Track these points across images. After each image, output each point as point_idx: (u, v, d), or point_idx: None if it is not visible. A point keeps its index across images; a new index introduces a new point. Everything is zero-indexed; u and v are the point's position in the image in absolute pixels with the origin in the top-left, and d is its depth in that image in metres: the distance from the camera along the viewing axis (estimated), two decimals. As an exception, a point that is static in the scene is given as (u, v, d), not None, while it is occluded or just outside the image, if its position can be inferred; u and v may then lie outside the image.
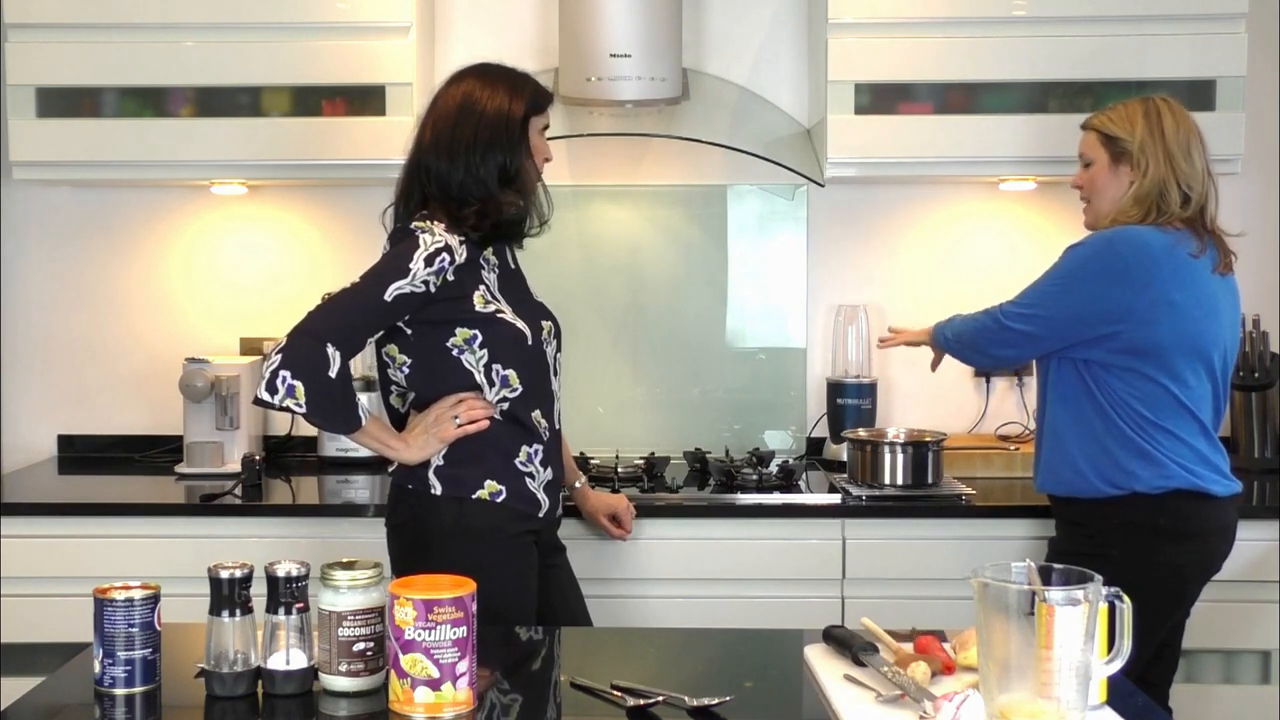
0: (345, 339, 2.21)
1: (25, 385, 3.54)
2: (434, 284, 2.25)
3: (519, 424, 2.35)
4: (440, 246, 2.25)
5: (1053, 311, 2.52)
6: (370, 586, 1.71)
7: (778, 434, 3.51)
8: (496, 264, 2.39)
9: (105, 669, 1.70)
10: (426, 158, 2.35)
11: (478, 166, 2.31)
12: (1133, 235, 2.47)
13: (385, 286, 2.22)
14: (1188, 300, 2.45)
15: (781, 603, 2.87)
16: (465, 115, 2.34)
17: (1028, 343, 2.58)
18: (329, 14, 3.11)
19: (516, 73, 2.42)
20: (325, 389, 2.18)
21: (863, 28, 3.10)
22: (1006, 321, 2.58)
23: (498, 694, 1.76)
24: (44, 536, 2.90)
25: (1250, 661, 2.96)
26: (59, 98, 3.15)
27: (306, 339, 2.19)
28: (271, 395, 2.16)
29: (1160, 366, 2.45)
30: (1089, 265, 2.49)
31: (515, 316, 2.33)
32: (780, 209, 3.51)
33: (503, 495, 2.32)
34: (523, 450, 2.35)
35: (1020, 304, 2.58)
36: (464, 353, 2.30)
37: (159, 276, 3.54)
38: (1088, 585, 1.49)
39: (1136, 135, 2.53)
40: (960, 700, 1.49)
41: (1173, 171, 2.50)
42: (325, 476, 3.29)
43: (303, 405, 2.17)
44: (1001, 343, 2.61)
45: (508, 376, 2.31)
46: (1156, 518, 2.45)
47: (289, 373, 2.16)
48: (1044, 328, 2.53)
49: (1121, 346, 2.46)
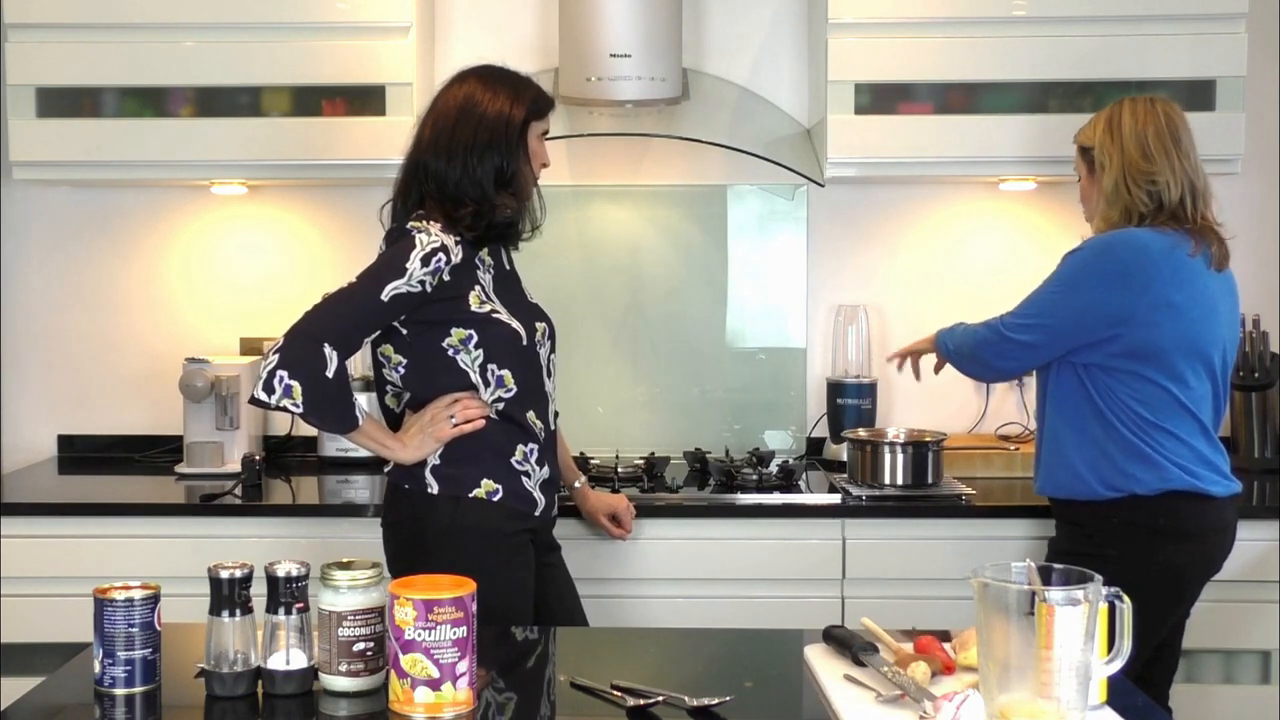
0: (342, 339, 2.22)
1: (25, 385, 3.54)
2: (430, 284, 2.26)
3: (514, 423, 2.35)
4: (436, 246, 2.26)
5: (1054, 320, 2.51)
6: (370, 586, 1.71)
7: (778, 434, 3.51)
8: (492, 265, 2.40)
9: (105, 669, 1.70)
10: (425, 156, 2.36)
11: (475, 167, 2.32)
12: (1130, 238, 2.47)
13: (382, 286, 2.23)
14: (1187, 301, 2.45)
15: (781, 603, 2.87)
16: (465, 116, 2.35)
17: (1029, 353, 2.57)
18: (329, 14, 3.11)
19: (519, 77, 2.43)
20: (322, 389, 2.19)
21: (863, 28, 3.10)
22: (1007, 333, 2.57)
23: (497, 694, 1.76)
24: (44, 536, 2.90)
25: (1250, 661, 2.96)
26: (59, 98, 3.15)
27: (304, 339, 2.20)
28: (269, 395, 2.18)
29: (1160, 368, 2.45)
30: (1088, 270, 2.49)
31: (510, 317, 2.34)
32: (780, 209, 3.51)
33: (499, 494, 2.33)
34: (519, 449, 2.36)
35: (1021, 314, 2.57)
36: (459, 353, 2.31)
37: (159, 276, 3.54)
38: (1088, 585, 1.49)
39: (1096, 139, 2.56)
40: (960, 700, 1.49)
41: (1127, 168, 2.50)
42: (325, 476, 3.29)
43: (300, 405, 2.18)
44: (1002, 355, 2.60)
45: (503, 376, 2.32)
46: (1156, 518, 2.45)
47: (286, 373, 2.17)
48: (1046, 336, 2.52)
49: (1121, 349, 2.45)
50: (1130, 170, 2.50)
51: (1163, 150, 2.50)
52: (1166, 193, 2.49)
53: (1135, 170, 2.50)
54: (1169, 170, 2.49)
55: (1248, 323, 3.28)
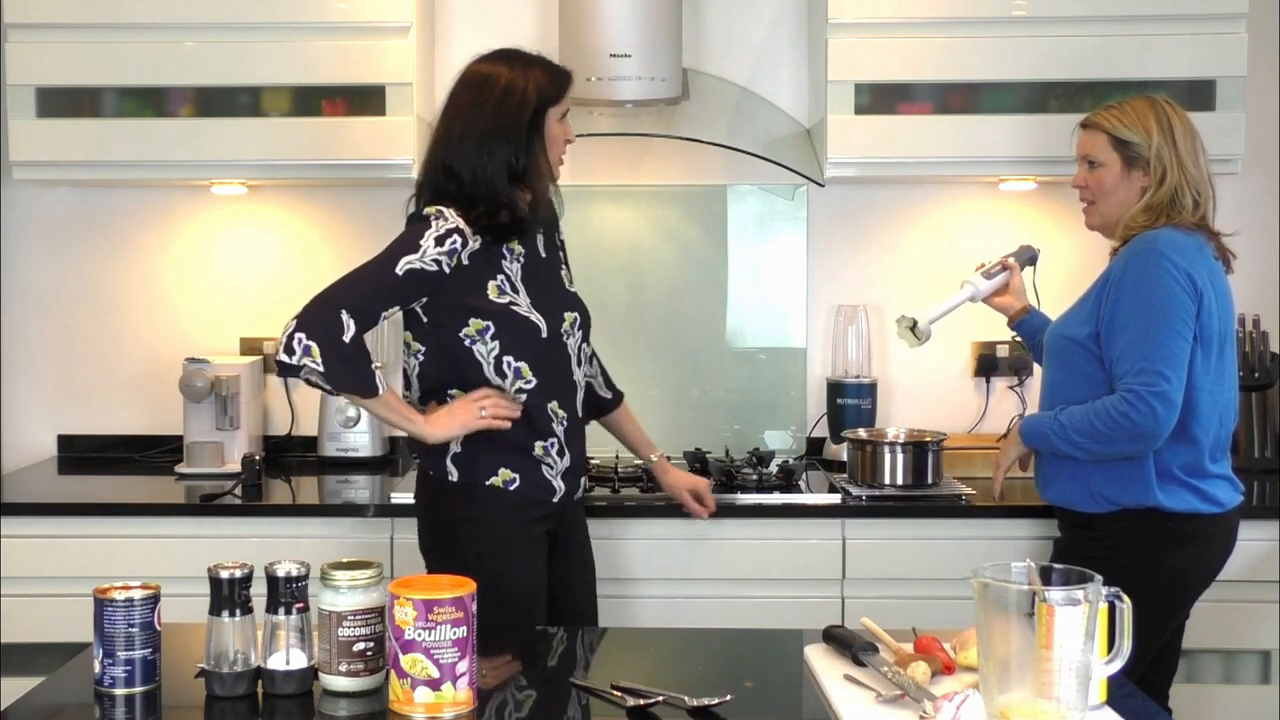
0: (359, 309, 2.26)
1: (25, 385, 3.54)
2: (447, 264, 2.29)
3: (537, 415, 2.38)
4: (452, 228, 2.30)
5: (1180, 346, 2.37)
6: (370, 586, 1.71)
7: (778, 434, 3.51)
8: (522, 253, 2.40)
9: (105, 669, 1.70)
10: (439, 152, 2.38)
11: (486, 164, 2.33)
12: (1175, 241, 2.42)
13: (397, 261, 2.28)
14: (1217, 300, 2.43)
15: (781, 603, 2.87)
16: (475, 108, 2.35)
17: (1176, 396, 2.36)
18: (329, 14, 3.11)
19: (530, 60, 2.42)
20: (339, 351, 2.24)
21: (863, 28, 3.10)
22: (1147, 393, 2.34)
23: (498, 694, 1.76)
24: (44, 536, 2.90)
25: (1250, 661, 2.96)
26: (59, 98, 3.15)
27: (322, 305, 2.27)
28: (289, 357, 2.23)
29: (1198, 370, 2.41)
30: (1166, 282, 2.38)
31: (531, 309, 2.36)
32: (780, 209, 3.51)
33: (516, 483, 2.37)
34: (538, 445, 2.39)
35: (1144, 365, 2.36)
36: (476, 343, 2.33)
37: (159, 277, 3.54)
38: (1088, 585, 1.49)
39: (1153, 141, 2.48)
40: (960, 700, 1.49)
41: (1185, 177, 2.47)
42: (325, 476, 3.29)
43: (320, 365, 2.23)
44: (1155, 417, 2.35)
45: (520, 369, 2.35)
46: (1164, 523, 2.44)
47: (304, 334, 2.23)
48: (1181, 370, 2.37)
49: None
50: (1188, 178, 2.46)
51: (1203, 157, 2.50)
52: (1205, 204, 2.48)
53: (1191, 178, 2.47)
54: (1208, 178, 2.49)
55: (1248, 322, 3.28)
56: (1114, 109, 2.56)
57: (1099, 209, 2.59)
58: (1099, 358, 2.46)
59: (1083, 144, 2.60)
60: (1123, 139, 2.51)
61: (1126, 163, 2.52)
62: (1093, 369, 2.47)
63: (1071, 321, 2.55)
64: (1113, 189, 2.54)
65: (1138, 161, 2.50)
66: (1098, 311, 2.47)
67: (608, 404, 2.70)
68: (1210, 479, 2.46)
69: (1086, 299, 2.54)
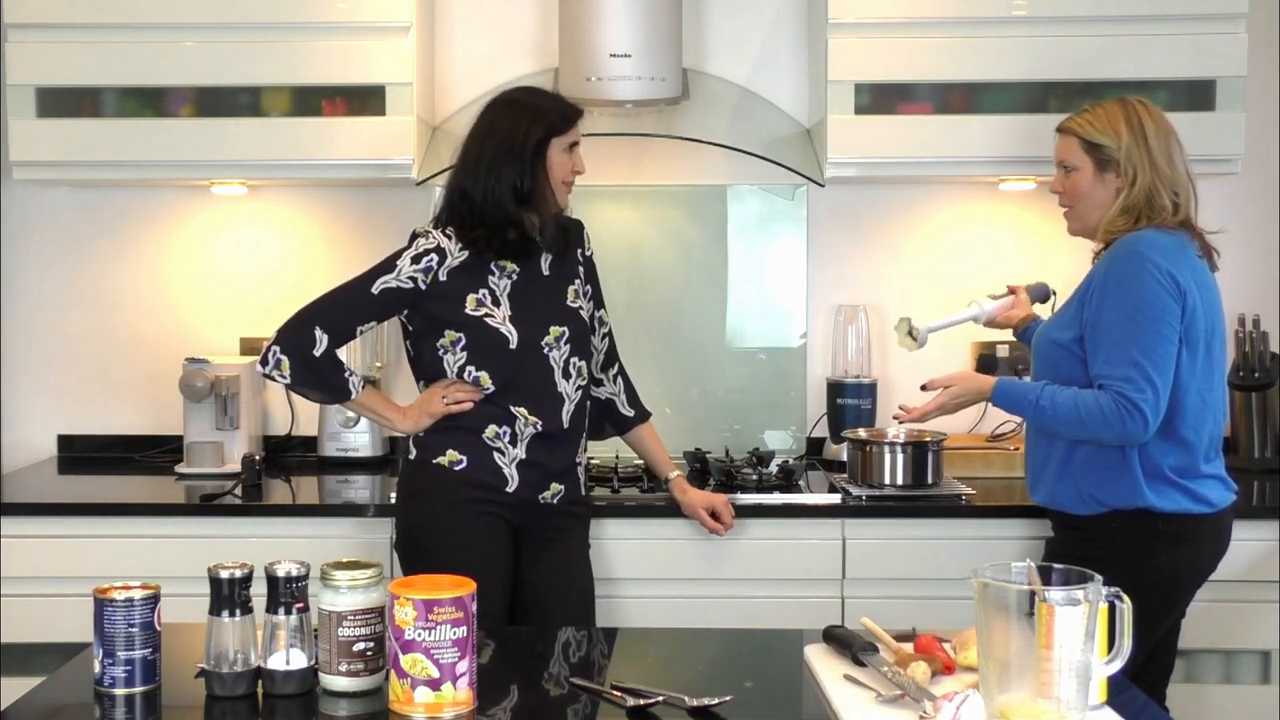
0: (333, 325, 2.49)
1: (25, 385, 3.54)
2: (423, 281, 2.49)
3: (494, 406, 2.52)
4: (430, 248, 2.49)
5: (1166, 350, 2.37)
6: (370, 586, 1.71)
7: (778, 434, 3.51)
8: (516, 270, 2.53)
9: (105, 669, 1.70)
10: (455, 178, 2.55)
11: (494, 186, 2.48)
12: (1157, 241, 2.41)
13: (374, 281, 2.50)
14: (1202, 299, 2.42)
15: (781, 603, 2.87)
16: (487, 137, 2.51)
17: (1161, 402, 2.37)
18: (329, 14, 3.11)
19: (543, 95, 2.61)
20: (308, 365, 2.49)
21: (863, 28, 3.10)
22: (1137, 398, 2.34)
23: (498, 694, 1.76)
24: (44, 536, 2.90)
25: (1250, 661, 2.96)
26: (59, 98, 3.15)
27: (299, 322, 2.50)
28: (263, 367, 2.50)
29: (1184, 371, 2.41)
30: (1149, 285, 2.37)
31: (506, 321, 2.49)
32: (780, 209, 3.51)
33: (463, 465, 2.52)
34: (490, 428, 2.52)
35: (1129, 368, 2.35)
36: (447, 353, 2.52)
37: (159, 277, 3.54)
38: (1088, 585, 1.49)
39: (1122, 142, 2.47)
40: (960, 700, 1.49)
41: (1159, 177, 2.45)
42: (325, 476, 3.29)
43: (287, 377, 2.50)
44: (1144, 424, 2.35)
45: (479, 378, 2.51)
46: (1154, 523, 2.44)
47: (279, 348, 2.49)
48: (1167, 374, 2.37)
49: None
50: (1161, 179, 2.45)
51: (1180, 156, 2.48)
52: (1186, 203, 2.47)
53: (1164, 178, 2.45)
54: (1186, 177, 2.48)
55: (1248, 322, 3.28)
56: (1086, 113, 2.55)
57: (1077, 213, 2.58)
58: (1084, 361, 2.46)
59: (1058, 149, 2.60)
60: (1093, 142, 2.50)
61: (1099, 166, 2.51)
62: (1078, 372, 2.47)
63: (1056, 325, 2.56)
64: (1088, 192, 2.53)
65: (1109, 164, 2.49)
66: (1081, 315, 2.47)
67: (629, 421, 2.83)
68: (1201, 479, 2.46)
69: (1070, 303, 2.54)
